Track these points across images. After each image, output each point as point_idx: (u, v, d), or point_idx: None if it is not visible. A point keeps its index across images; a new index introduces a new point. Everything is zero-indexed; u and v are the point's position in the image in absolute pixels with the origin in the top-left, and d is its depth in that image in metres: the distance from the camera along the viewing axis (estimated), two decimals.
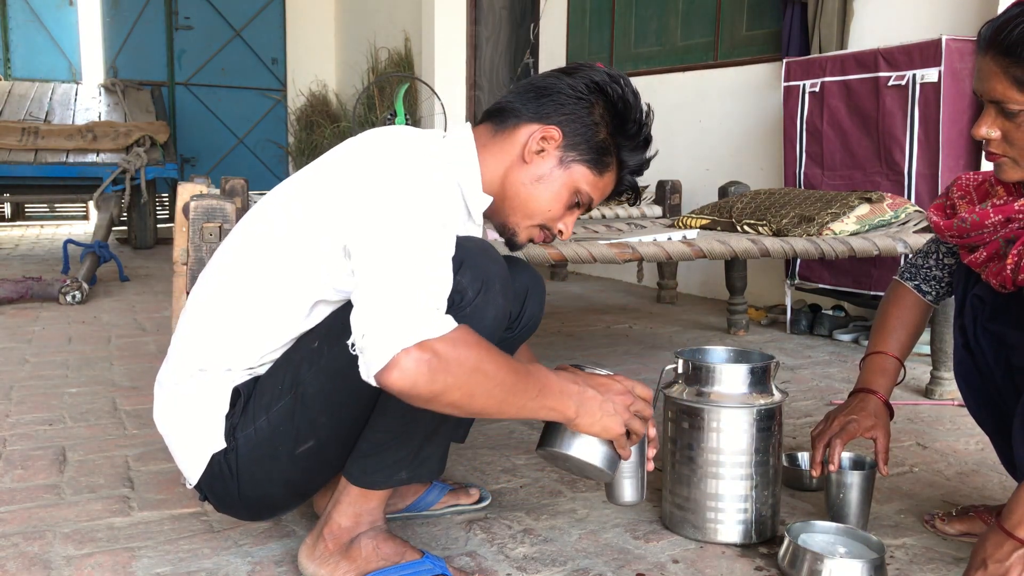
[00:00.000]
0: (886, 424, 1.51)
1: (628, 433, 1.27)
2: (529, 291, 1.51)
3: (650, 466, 1.34)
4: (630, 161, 1.39)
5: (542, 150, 1.34)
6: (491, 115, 1.40)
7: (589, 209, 1.44)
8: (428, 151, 1.30)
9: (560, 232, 1.41)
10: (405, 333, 1.03)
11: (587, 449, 1.25)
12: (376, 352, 1.03)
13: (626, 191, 1.44)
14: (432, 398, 1.05)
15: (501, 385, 1.09)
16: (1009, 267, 1.30)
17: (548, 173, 1.35)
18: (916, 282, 1.59)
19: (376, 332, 1.03)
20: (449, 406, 1.07)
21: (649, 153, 1.42)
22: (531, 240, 1.42)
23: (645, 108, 1.39)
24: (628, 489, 1.37)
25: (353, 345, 1.07)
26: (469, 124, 1.41)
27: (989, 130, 1.25)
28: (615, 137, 1.37)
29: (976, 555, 1.15)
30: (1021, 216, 1.28)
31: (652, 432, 1.30)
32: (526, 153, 1.34)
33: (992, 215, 1.31)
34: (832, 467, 1.48)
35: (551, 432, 1.28)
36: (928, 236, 2.62)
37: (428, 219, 1.15)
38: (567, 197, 1.37)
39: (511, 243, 1.42)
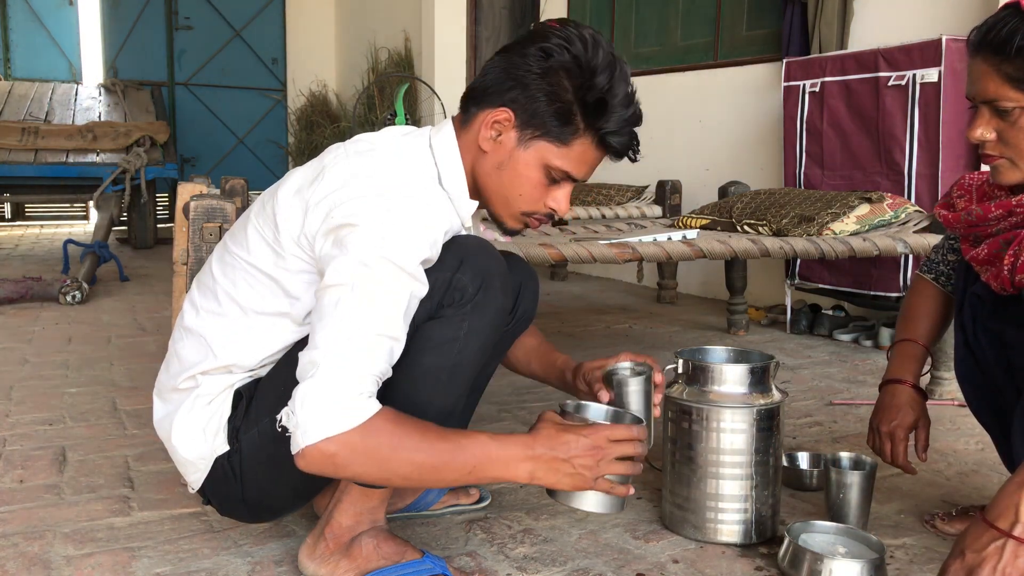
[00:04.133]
0: (924, 412, 1.54)
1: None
2: (523, 287, 1.51)
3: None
4: (601, 122, 1.25)
5: (499, 135, 1.27)
6: (461, 104, 1.34)
7: (583, 180, 1.34)
8: (412, 168, 1.26)
9: (553, 211, 1.33)
10: (318, 427, 1.06)
11: (582, 500, 1.22)
12: (294, 439, 1.09)
13: (622, 151, 1.30)
14: (342, 479, 1.13)
15: (420, 467, 1.12)
16: (1006, 268, 1.31)
17: (507, 158, 1.27)
18: (933, 275, 1.62)
19: (297, 417, 1.08)
20: (363, 484, 1.17)
21: (626, 109, 1.26)
22: (525, 225, 1.36)
23: (603, 60, 1.23)
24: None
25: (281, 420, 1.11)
26: (450, 121, 1.34)
27: (984, 131, 1.27)
28: (576, 103, 1.24)
29: (957, 544, 1.15)
30: (1020, 210, 1.29)
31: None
32: (482, 141, 1.28)
33: (993, 210, 1.33)
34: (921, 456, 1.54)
35: None
36: (930, 235, 2.63)
37: (398, 258, 1.13)
38: (537, 177, 1.28)
39: (503, 231, 1.39)
